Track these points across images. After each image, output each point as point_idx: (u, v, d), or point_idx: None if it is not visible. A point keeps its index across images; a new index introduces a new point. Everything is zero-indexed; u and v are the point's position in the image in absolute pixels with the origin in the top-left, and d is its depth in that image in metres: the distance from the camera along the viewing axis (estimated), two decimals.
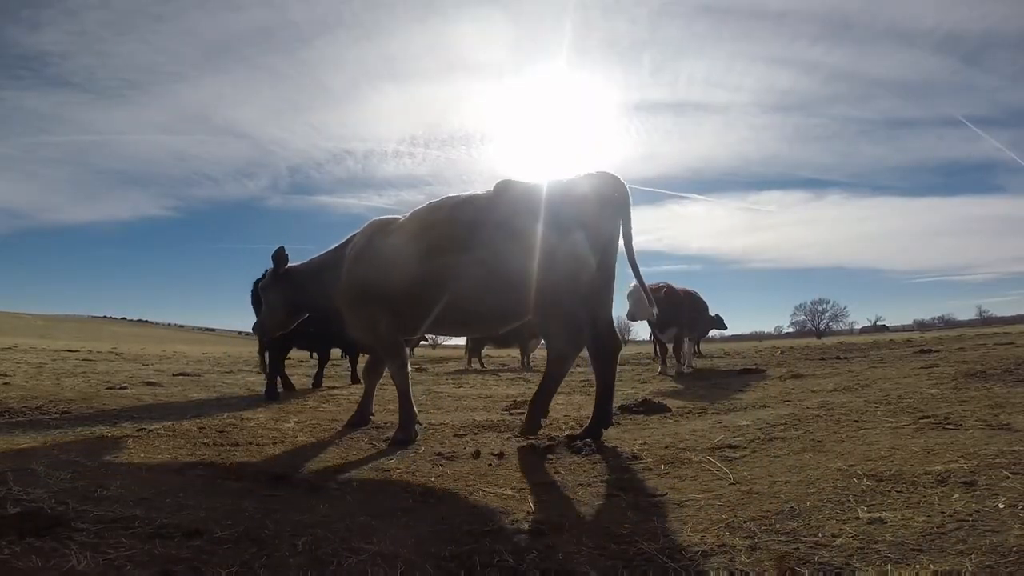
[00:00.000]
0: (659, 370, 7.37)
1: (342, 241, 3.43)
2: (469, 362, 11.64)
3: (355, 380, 6.94)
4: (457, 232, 2.84)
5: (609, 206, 2.76)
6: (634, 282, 6.54)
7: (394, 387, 3.10)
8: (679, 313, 7.05)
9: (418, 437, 2.97)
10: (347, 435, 3.12)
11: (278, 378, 5.42)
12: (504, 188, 2.85)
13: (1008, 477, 1.79)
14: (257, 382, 6.62)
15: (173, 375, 7.28)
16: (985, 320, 65.33)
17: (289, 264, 3.61)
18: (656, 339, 7.65)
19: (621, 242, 2.87)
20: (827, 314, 65.85)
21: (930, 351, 8.82)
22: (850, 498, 1.73)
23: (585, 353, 2.92)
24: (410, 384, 3.11)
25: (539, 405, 2.81)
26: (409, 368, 3.16)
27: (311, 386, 6.25)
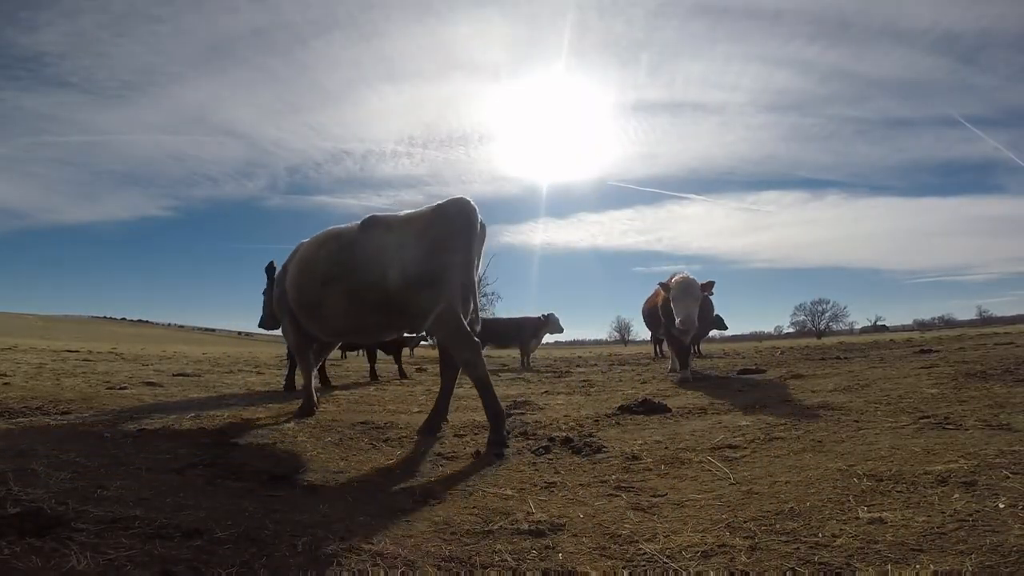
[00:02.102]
0: (670, 368, 7.34)
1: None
2: None
3: (373, 376, 7.39)
4: (320, 267, 3.34)
5: (461, 228, 2.97)
6: (677, 276, 6.40)
7: (392, 387, 3.13)
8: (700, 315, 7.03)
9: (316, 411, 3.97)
10: (347, 435, 3.12)
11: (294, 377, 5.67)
12: (369, 223, 3.20)
13: (1008, 477, 1.79)
14: (257, 382, 6.62)
15: (173, 375, 7.27)
16: (985, 320, 65.29)
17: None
18: (663, 339, 7.58)
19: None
20: (827, 314, 65.80)
21: (930, 351, 8.82)
22: (850, 498, 1.73)
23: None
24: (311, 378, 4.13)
25: (497, 419, 2.81)
26: (313, 370, 4.25)
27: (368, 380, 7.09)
